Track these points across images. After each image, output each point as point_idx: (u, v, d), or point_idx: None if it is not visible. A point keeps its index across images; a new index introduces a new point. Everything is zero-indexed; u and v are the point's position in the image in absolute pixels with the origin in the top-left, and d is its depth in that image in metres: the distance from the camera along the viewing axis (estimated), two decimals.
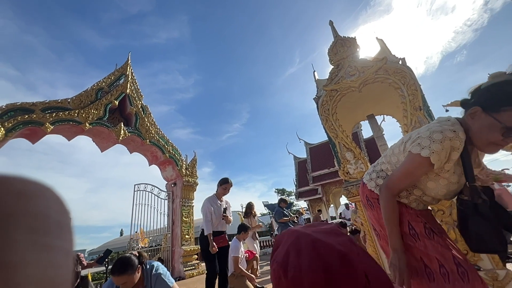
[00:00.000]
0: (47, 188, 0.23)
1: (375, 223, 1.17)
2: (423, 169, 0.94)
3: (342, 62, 2.37)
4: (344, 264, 0.39)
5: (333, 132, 2.27)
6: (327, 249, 0.40)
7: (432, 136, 0.91)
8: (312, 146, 14.41)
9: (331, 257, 0.39)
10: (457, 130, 0.89)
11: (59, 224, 0.22)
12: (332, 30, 2.56)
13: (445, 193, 0.98)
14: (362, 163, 2.10)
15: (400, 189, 1.02)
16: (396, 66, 2.05)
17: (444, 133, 0.89)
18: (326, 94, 2.35)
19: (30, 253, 0.18)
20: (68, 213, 0.24)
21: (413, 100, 1.90)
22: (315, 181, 12.53)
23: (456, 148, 0.88)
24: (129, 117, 5.81)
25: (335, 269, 0.38)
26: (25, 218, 0.19)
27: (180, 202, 6.20)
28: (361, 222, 1.97)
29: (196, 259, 6.03)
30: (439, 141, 0.88)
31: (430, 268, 0.93)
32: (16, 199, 0.19)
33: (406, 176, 0.99)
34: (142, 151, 6.25)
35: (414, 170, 0.96)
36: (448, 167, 0.92)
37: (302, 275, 0.38)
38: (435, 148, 0.89)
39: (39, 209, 0.21)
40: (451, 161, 0.90)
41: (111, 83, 5.47)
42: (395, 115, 2.56)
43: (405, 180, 1.00)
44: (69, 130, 4.71)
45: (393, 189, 1.02)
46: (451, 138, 0.88)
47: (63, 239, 0.22)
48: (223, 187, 2.86)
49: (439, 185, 0.97)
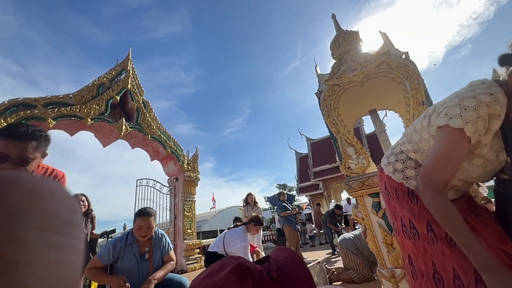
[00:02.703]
0: (58, 186, 0.23)
1: (391, 216, 1.01)
2: (461, 147, 0.73)
3: (345, 56, 2.35)
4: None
5: (335, 127, 2.26)
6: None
7: (463, 103, 0.72)
8: (314, 142, 14.38)
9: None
10: (496, 93, 0.70)
11: (69, 222, 0.22)
12: (335, 24, 2.53)
13: (481, 174, 0.78)
14: (363, 158, 2.09)
15: (445, 181, 0.75)
16: (399, 60, 2.03)
17: (478, 98, 0.70)
18: (328, 89, 2.34)
19: (39, 252, 0.18)
20: (78, 211, 0.24)
21: (416, 95, 1.88)
22: (316, 177, 12.55)
23: (496, 115, 0.70)
24: (131, 113, 5.81)
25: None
26: (35, 217, 0.19)
27: (182, 197, 6.25)
28: (362, 217, 1.98)
29: (198, 253, 6.11)
30: (472, 108, 0.70)
31: (441, 276, 0.77)
32: (27, 197, 0.19)
33: (445, 161, 0.74)
34: (144, 147, 6.27)
35: (452, 151, 0.74)
36: (487, 140, 0.73)
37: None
38: (469, 116, 0.69)
39: (49, 207, 0.21)
40: (491, 132, 0.72)
41: (112, 78, 5.46)
42: (398, 110, 2.54)
43: (445, 166, 0.74)
44: (71, 126, 4.72)
45: (436, 184, 0.75)
46: (488, 103, 0.69)
47: (73, 237, 0.22)
48: (257, 228, 2.86)
49: (473, 165, 0.77)
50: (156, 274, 1.62)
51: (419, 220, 0.85)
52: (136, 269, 1.62)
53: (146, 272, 1.64)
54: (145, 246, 1.71)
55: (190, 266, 5.59)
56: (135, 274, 1.61)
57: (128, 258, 1.62)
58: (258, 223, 2.89)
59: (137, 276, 1.60)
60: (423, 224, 0.83)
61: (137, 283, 1.56)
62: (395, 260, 1.72)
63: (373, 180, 1.89)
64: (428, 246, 0.81)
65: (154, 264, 1.68)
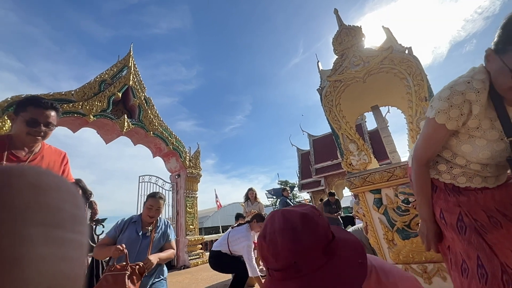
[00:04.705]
0: (62, 181, 0.23)
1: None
2: (438, 133, 0.86)
3: (347, 51, 2.32)
4: (306, 221, 0.49)
5: (337, 123, 2.25)
6: (292, 213, 0.52)
7: (440, 94, 0.83)
8: (316, 138, 14.35)
9: (296, 218, 0.50)
10: (473, 80, 0.76)
11: (73, 217, 0.22)
12: (337, 19, 2.50)
13: (491, 156, 0.81)
14: (365, 155, 2.08)
15: (428, 158, 0.95)
16: (402, 55, 2.00)
17: (454, 88, 0.79)
18: (330, 85, 2.32)
19: (42, 248, 0.18)
20: (82, 206, 0.24)
21: (419, 91, 1.86)
22: (318, 173, 12.56)
23: (474, 101, 0.76)
24: (133, 109, 5.82)
25: (299, 226, 0.48)
26: (38, 211, 0.19)
27: (184, 193, 6.30)
28: (363, 213, 1.98)
29: (200, 249, 6.17)
30: (445, 98, 0.80)
31: (450, 257, 0.90)
32: (30, 192, 0.19)
33: (427, 142, 0.92)
34: (146, 143, 6.29)
35: (431, 135, 0.89)
36: (475, 124, 0.79)
37: (276, 236, 0.48)
38: (441, 106, 0.81)
39: (53, 202, 0.20)
40: (476, 116, 0.78)
41: (113, 75, 5.46)
42: (400, 106, 2.52)
43: (427, 147, 0.93)
44: (74, 122, 4.74)
45: (420, 159, 0.95)
46: (464, 91, 0.76)
47: (76, 232, 0.22)
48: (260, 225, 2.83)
49: (477, 146, 0.82)
50: (160, 254, 1.70)
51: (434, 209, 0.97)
52: (135, 243, 1.68)
53: (144, 249, 1.69)
54: (149, 226, 1.79)
55: (193, 261, 5.65)
56: (133, 248, 1.66)
57: (130, 232, 1.72)
58: (261, 219, 2.89)
59: (135, 251, 1.66)
60: (437, 212, 0.95)
61: (134, 256, 1.62)
62: (396, 256, 1.73)
63: (374, 177, 1.89)
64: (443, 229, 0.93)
65: (154, 244, 1.74)
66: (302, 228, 0.48)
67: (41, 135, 1.20)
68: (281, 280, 0.47)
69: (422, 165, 0.96)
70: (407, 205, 1.74)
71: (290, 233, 0.47)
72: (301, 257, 0.45)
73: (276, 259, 0.46)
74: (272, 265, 0.48)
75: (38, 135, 1.19)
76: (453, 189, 0.92)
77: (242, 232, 2.75)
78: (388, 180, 1.83)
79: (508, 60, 0.68)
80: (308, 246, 0.46)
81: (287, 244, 0.46)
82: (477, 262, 0.79)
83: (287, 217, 0.51)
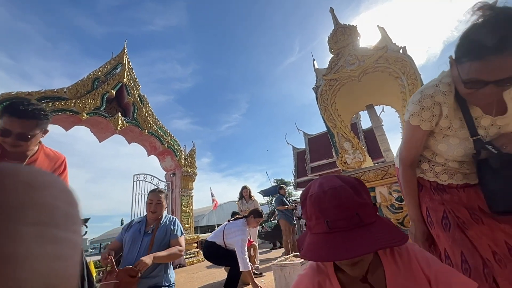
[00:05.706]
0: (55, 179, 0.22)
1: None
2: (416, 134, 0.92)
3: (342, 50, 2.33)
4: (361, 183, 0.57)
5: (332, 122, 2.26)
6: (345, 177, 0.58)
7: (413, 98, 0.89)
8: (311, 137, 14.43)
9: (352, 180, 0.57)
10: (440, 84, 0.83)
11: (67, 215, 0.22)
12: (333, 18, 2.51)
13: (465, 153, 0.87)
14: (360, 153, 2.11)
15: (411, 159, 0.99)
16: (396, 55, 2.02)
17: (424, 92, 0.85)
18: (325, 84, 2.33)
19: (36, 246, 0.18)
20: (76, 204, 0.23)
21: (413, 90, 1.89)
22: (314, 172, 12.64)
23: (442, 102, 0.83)
24: (127, 107, 5.75)
25: (358, 185, 0.56)
26: (32, 210, 0.19)
27: (179, 192, 6.26)
28: None
29: (195, 247, 6.16)
30: (417, 101, 0.86)
31: (435, 253, 0.94)
32: (23, 190, 0.19)
33: (407, 144, 0.97)
34: (140, 142, 6.23)
35: (410, 137, 0.95)
36: (446, 124, 0.86)
37: (338, 190, 0.53)
38: (413, 109, 0.87)
39: (46, 200, 0.20)
40: (446, 117, 0.85)
41: (107, 72, 5.37)
42: (395, 105, 2.55)
43: (408, 149, 0.98)
44: (66, 120, 4.66)
45: (405, 160, 1.00)
46: (432, 94, 0.83)
47: (70, 230, 0.22)
48: (257, 220, 2.83)
49: (451, 145, 0.88)
50: (157, 253, 1.58)
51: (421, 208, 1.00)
52: (136, 242, 1.66)
53: (145, 247, 1.65)
54: (153, 224, 1.76)
55: (188, 260, 5.63)
56: (135, 247, 1.65)
57: (133, 231, 1.71)
58: (258, 215, 2.86)
59: (136, 251, 1.64)
60: (424, 211, 0.98)
61: (134, 256, 1.60)
62: None
63: (369, 175, 1.91)
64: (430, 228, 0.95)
65: (156, 242, 1.68)
66: (361, 187, 0.56)
67: (14, 147, 1.10)
68: (343, 231, 0.51)
69: (407, 166, 1.00)
70: (400, 203, 1.77)
71: (351, 188, 0.53)
72: (362, 210, 0.52)
73: (340, 210, 0.51)
74: (333, 216, 0.52)
75: (11, 148, 1.10)
76: (437, 188, 0.97)
77: (239, 226, 2.73)
78: (382, 178, 1.86)
79: (462, 70, 0.74)
80: (366, 201, 0.54)
81: (351, 196, 0.52)
82: (461, 257, 0.83)
83: (342, 177, 0.58)
